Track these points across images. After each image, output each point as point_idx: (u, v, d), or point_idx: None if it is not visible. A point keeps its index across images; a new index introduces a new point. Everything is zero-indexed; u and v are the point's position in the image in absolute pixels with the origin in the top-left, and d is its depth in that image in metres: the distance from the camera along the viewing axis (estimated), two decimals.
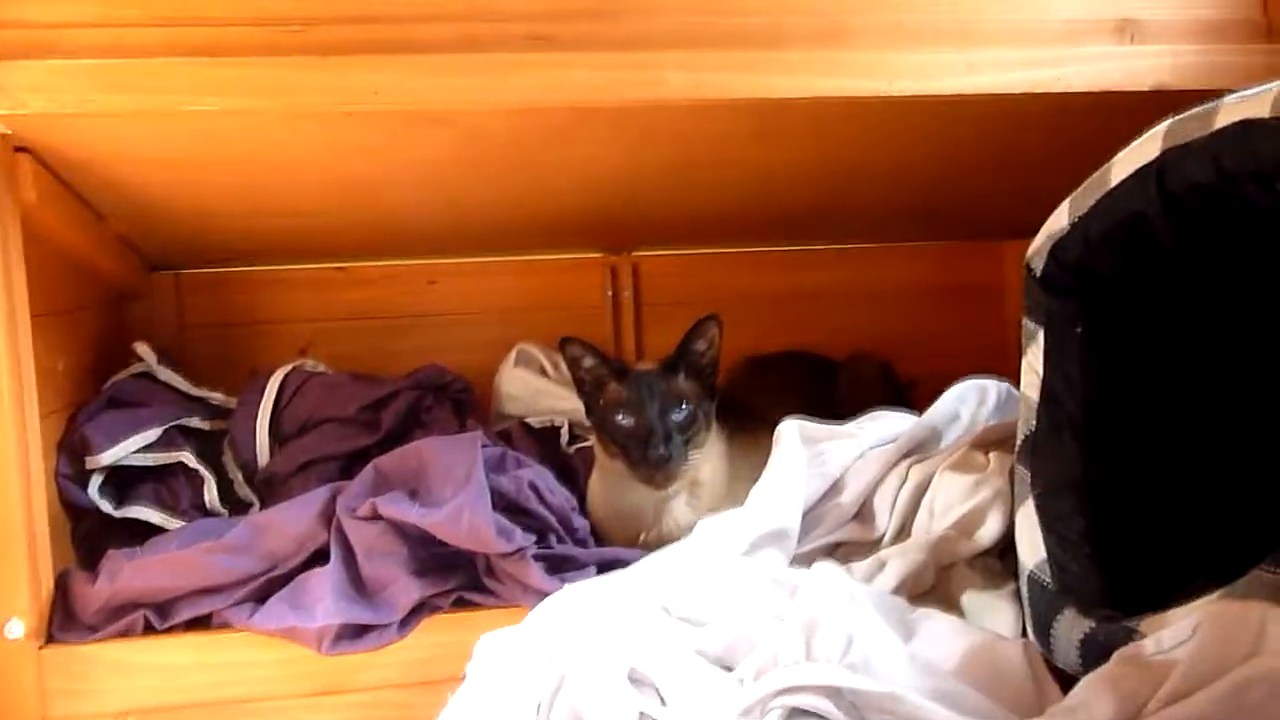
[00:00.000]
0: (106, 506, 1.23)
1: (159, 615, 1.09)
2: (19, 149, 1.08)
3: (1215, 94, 0.87)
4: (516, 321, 1.69)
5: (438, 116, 1.11)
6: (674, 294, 1.74)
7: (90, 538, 1.22)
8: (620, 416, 1.21)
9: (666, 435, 1.19)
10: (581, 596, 0.98)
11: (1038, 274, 1.01)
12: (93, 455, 1.22)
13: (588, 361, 1.25)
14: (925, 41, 1.15)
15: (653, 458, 1.19)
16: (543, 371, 1.59)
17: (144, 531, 1.23)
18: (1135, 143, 0.91)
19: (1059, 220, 0.98)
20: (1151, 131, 0.90)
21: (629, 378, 1.24)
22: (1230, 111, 0.84)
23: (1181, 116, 0.88)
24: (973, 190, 1.53)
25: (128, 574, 1.09)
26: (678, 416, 1.21)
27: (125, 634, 1.08)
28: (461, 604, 1.12)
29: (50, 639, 1.08)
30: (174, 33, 1.04)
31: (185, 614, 1.09)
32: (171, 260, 1.64)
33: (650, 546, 1.20)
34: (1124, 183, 0.92)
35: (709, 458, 1.26)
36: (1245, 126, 0.82)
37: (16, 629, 1.04)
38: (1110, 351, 1.01)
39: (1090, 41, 1.17)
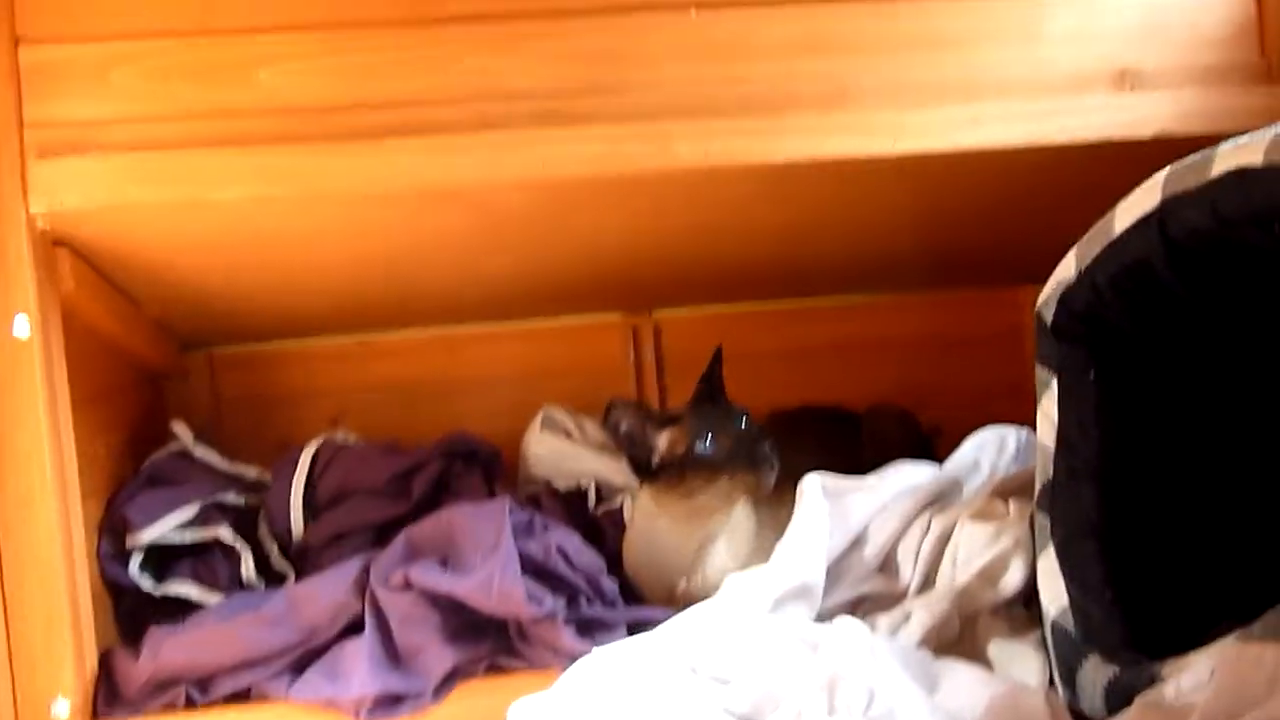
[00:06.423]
0: (147, 584, 1.25)
1: (200, 690, 1.11)
2: (57, 243, 1.12)
3: (1218, 138, 0.88)
4: (540, 386, 1.70)
5: (452, 193, 1.15)
6: (696, 352, 1.71)
7: (132, 615, 1.25)
8: (701, 445, 1.23)
9: (759, 437, 1.23)
10: (610, 659, 1.00)
11: (1048, 322, 1.02)
12: (133, 534, 1.25)
13: (627, 423, 1.27)
14: (929, 98, 1.17)
15: (761, 456, 1.21)
16: (568, 435, 1.61)
17: (184, 607, 1.25)
18: (1136, 192, 0.93)
19: (1066, 269, 0.99)
20: (1151, 181, 0.92)
21: (684, 416, 1.27)
22: (1225, 159, 0.85)
23: (1179, 166, 0.90)
24: (985, 239, 1.55)
25: (168, 650, 1.11)
26: (753, 426, 1.25)
27: (168, 709, 1.10)
28: (494, 669, 1.13)
29: (95, 717, 1.10)
30: (199, 125, 1.08)
31: (226, 687, 1.11)
32: (204, 339, 1.68)
33: (691, 596, 1.22)
34: (1127, 231, 0.93)
35: (745, 503, 1.27)
36: (1240, 174, 0.83)
37: (63, 708, 1.06)
38: (1124, 397, 1.02)
39: (1091, 92, 1.18)
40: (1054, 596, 0.97)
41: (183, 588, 1.27)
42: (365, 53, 1.11)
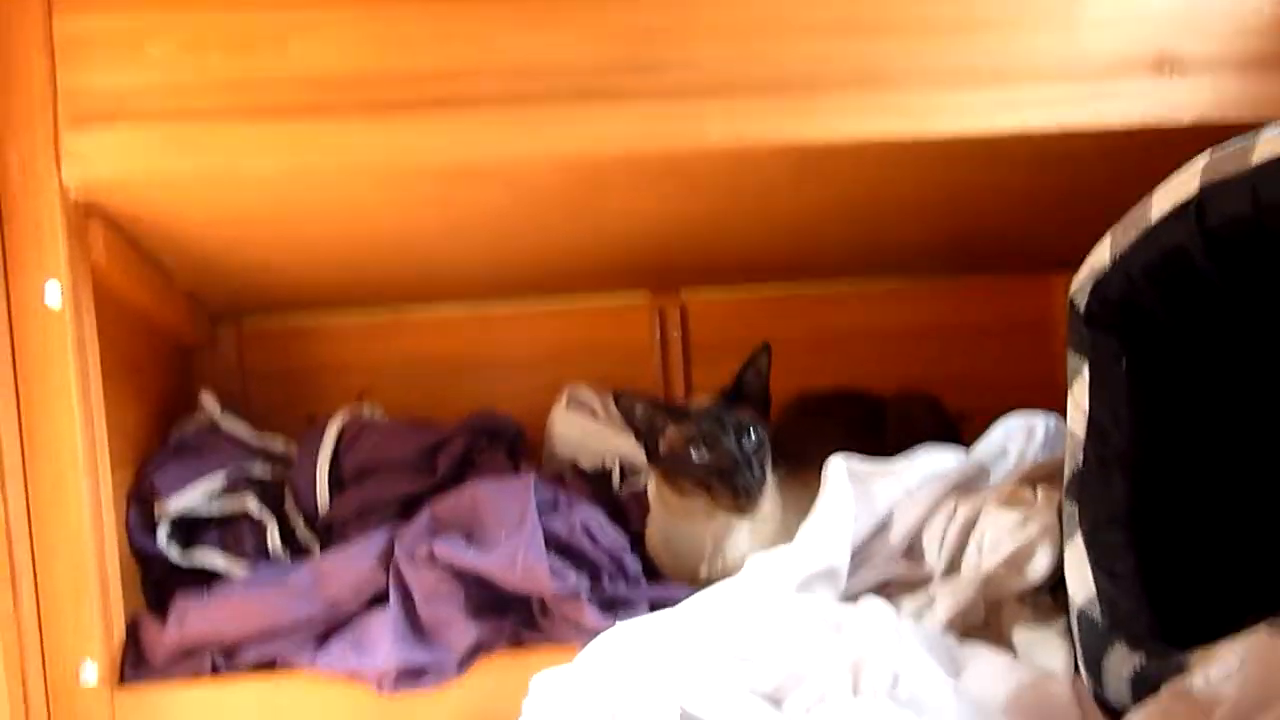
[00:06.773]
0: (174, 554, 1.27)
1: (225, 657, 1.12)
2: (89, 213, 1.13)
3: (1258, 124, 0.87)
4: (567, 364, 1.71)
5: (487, 170, 1.15)
6: (722, 334, 1.75)
7: (159, 584, 1.26)
8: (695, 453, 1.22)
9: (747, 461, 1.21)
10: (632, 635, 1.00)
11: (1081, 310, 1.01)
12: (161, 503, 1.26)
13: (641, 410, 1.27)
14: (964, 82, 1.16)
15: (740, 485, 1.20)
16: (594, 414, 1.61)
17: (210, 577, 1.26)
18: (1173, 178, 0.92)
19: (1100, 256, 0.98)
20: (1189, 167, 0.91)
21: (692, 416, 1.26)
22: (1267, 146, 0.84)
23: (1218, 152, 0.89)
24: (1018, 224, 1.54)
25: (195, 618, 1.13)
26: (751, 443, 1.23)
27: (194, 676, 1.12)
28: (517, 644, 1.14)
29: (122, 682, 1.11)
30: (234, 96, 1.08)
31: (251, 657, 1.12)
32: (233, 311, 1.69)
33: (713, 579, 1.22)
34: (1164, 218, 0.92)
35: (768, 488, 1.27)
36: None
37: (91, 672, 1.08)
38: (1156, 386, 1.01)
39: (1128, 77, 1.17)
40: (1081, 585, 0.96)
41: (209, 558, 1.29)
42: (399, 24, 1.10)
